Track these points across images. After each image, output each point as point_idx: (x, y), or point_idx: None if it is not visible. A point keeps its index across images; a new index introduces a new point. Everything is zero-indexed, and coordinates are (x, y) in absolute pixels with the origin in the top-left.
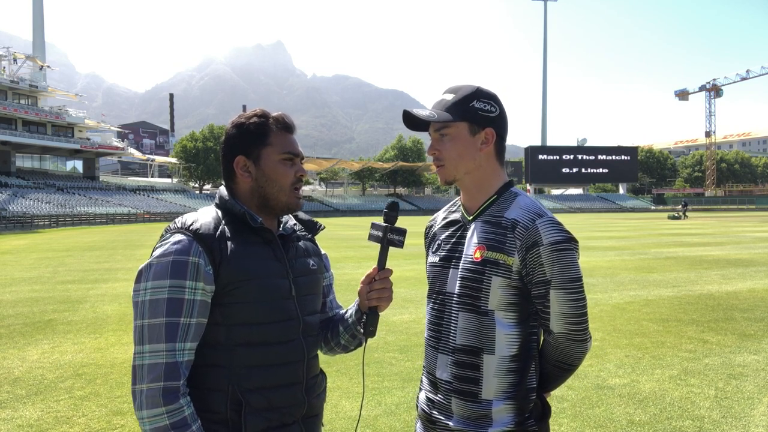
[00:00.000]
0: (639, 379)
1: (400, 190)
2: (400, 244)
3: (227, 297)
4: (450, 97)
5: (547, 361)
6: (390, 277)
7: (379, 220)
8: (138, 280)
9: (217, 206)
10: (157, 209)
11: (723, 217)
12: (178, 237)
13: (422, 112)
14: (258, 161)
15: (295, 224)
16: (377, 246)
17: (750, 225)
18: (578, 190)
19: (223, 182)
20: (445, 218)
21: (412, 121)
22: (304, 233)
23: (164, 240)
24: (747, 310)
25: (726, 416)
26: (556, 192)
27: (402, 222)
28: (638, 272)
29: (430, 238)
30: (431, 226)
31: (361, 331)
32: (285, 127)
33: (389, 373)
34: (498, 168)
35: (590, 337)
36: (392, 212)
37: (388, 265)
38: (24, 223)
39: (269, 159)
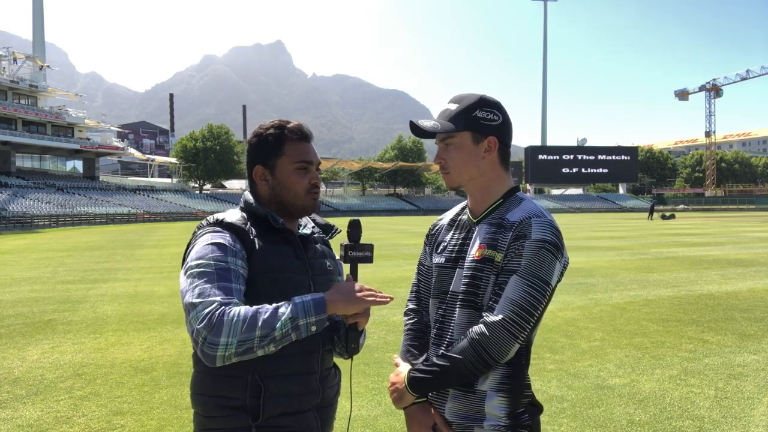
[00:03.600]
0: (639, 379)
1: (400, 190)
2: (367, 259)
3: (250, 288)
4: (454, 106)
5: (471, 347)
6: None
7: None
8: (181, 276)
9: (242, 209)
10: (157, 209)
11: (723, 217)
12: (214, 228)
13: (427, 123)
14: (274, 170)
15: (313, 227)
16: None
17: (750, 225)
18: (578, 190)
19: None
20: (452, 220)
21: (418, 130)
22: (321, 236)
23: (199, 233)
24: (747, 310)
25: (726, 416)
26: (556, 192)
27: (401, 222)
28: (638, 272)
29: (433, 237)
30: (436, 225)
31: (346, 347)
32: (301, 136)
33: (389, 373)
34: (503, 173)
35: (521, 344)
36: (354, 230)
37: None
38: (24, 223)
39: (284, 168)
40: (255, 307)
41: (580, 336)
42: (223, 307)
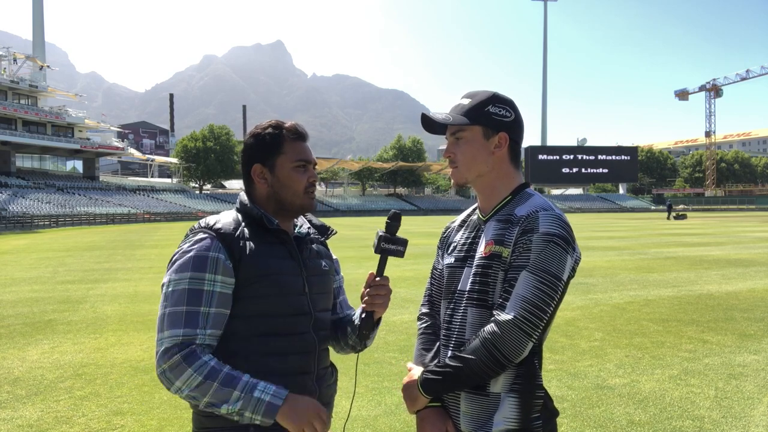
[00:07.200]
0: (639, 379)
1: (400, 190)
2: (399, 254)
3: (245, 291)
4: (467, 101)
5: (484, 347)
6: (388, 285)
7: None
8: (165, 275)
9: (238, 210)
10: (157, 209)
11: (723, 217)
12: (201, 235)
13: (439, 115)
14: (273, 169)
15: (309, 228)
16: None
17: (750, 225)
18: (578, 190)
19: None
20: (463, 221)
21: (429, 124)
22: (317, 237)
23: (188, 239)
24: (747, 310)
25: (726, 416)
26: (556, 192)
27: (401, 222)
28: (638, 272)
29: (444, 240)
30: (448, 228)
31: (359, 333)
32: (298, 136)
33: (389, 373)
34: (512, 170)
35: (535, 342)
36: (394, 222)
37: (385, 272)
38: (24, 223)
39: (283, 167)
40: (212, 368)
41: (580, 336)
42: (187, 349)
